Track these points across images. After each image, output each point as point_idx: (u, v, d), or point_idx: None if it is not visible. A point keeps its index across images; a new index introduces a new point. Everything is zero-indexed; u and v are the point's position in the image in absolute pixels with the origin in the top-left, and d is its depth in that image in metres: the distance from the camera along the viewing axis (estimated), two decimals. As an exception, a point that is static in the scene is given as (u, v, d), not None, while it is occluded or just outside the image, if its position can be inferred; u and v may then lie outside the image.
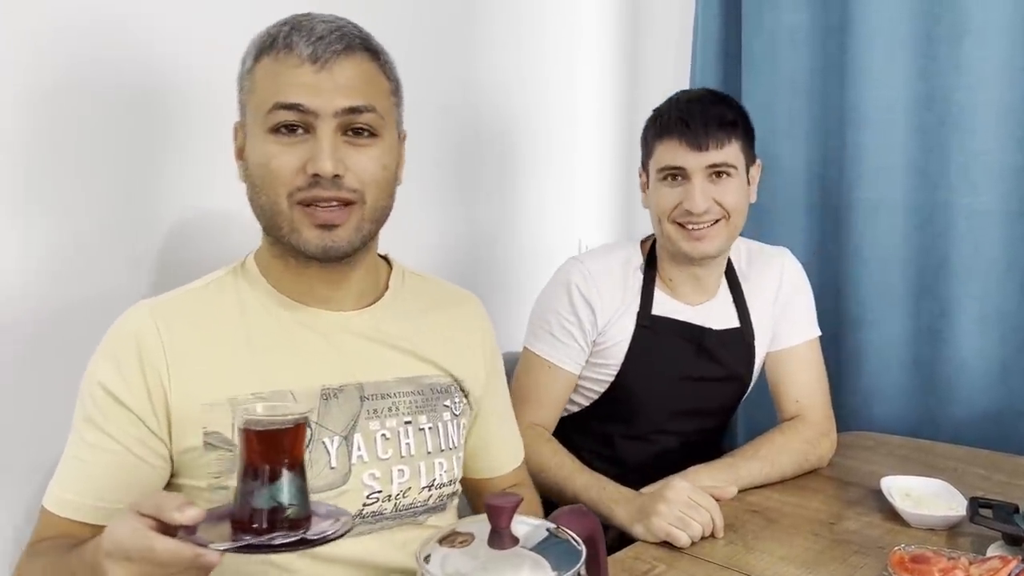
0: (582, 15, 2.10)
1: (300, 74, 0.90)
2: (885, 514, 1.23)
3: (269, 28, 0.95)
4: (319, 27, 0.92)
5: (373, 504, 0.97)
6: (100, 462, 0.90)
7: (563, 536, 0.63)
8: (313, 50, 0.90)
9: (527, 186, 1.99)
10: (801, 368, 1.51)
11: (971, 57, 1.57)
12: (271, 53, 0.92)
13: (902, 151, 1.67)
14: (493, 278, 1.92)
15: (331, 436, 0.95)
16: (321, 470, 0.94)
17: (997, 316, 1.61)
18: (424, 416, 1.02)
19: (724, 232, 1.39)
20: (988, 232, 1.59)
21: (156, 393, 0.90)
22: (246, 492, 0.67)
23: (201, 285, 1.00)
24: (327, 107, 0.90)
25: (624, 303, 1.45)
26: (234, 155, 1.00)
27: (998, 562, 0.99)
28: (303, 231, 0.92)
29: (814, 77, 1.78)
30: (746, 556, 1.11)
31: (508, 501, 0.60)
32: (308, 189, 0.90)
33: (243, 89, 0.96)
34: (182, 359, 0.91)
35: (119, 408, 0.90)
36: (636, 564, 1.10)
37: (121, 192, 1.25)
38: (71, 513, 0.89)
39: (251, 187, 0.95)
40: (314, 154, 0.89)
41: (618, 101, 2.18)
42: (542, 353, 1.45)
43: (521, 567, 0.58)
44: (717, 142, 1.35)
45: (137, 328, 0.92)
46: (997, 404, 1.62)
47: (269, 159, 0.91)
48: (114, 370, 0.91)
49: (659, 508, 1.15)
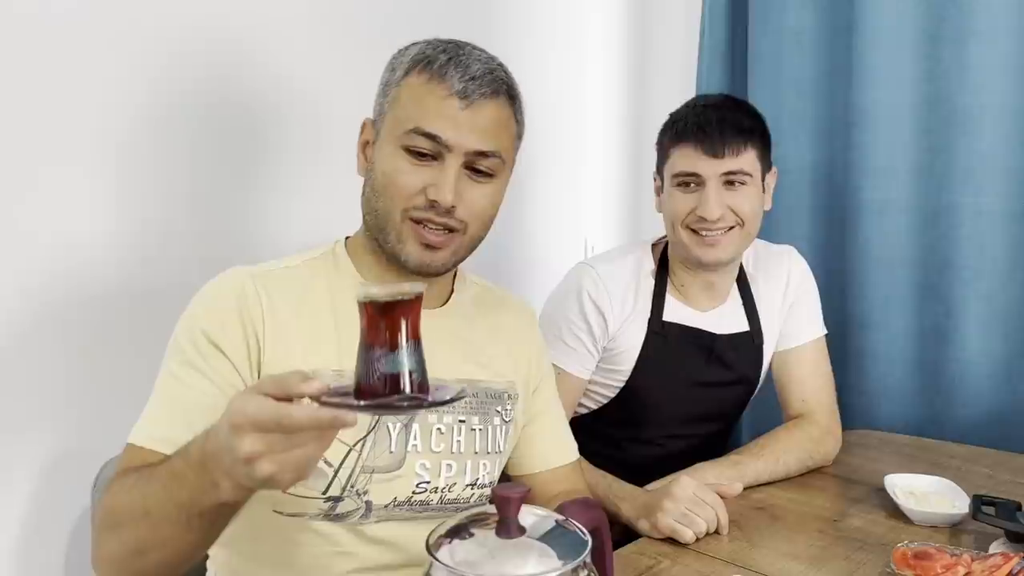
0: (590, 16, 2.11)
1: (446, 107, 0.96)
2: (889, 511, 1.24)
3: (427, 47, 1.00)
4: (474, 66, 0.98)
5: (422, 493, 1.01)
6: (199, 403, 0.91)
7: (570, 527, 0.64)
8: (464, 88, 0.96)
9: (534, 186, 2.00)
10: (808, 367, 1.52)
11: (976, 59, 1.58)
12: (424, 75, 0.98)
13: (907, 152, 1.68)
14: (500, 279, 1.92)
15: (395, 422, 1.00)
16: (382, 452, 0.99)
17: (1002, 316, 1.61)
18: (476, 418, 1.06)
19: (738, 239, 1.39)
20: (993, 233, 1.60)
21: (253, 347, 0.94)
22: (368, 361, 0.71)
23: (297, 261, 1.05)
24: (461, 145, 0.96)
25: (635, 309, 1.45)
26: (358, 147, 1.06)
27: (1000, 559, 0.99)
28: (408, 245, 0.99)
29: (820, 78, 1.79)
30: (750, 552, 1.12)
31: (515, 491, 0.61)
32: (423, 211, 0.97)
33: (387, 95, 1.02)
34: (276, 324, 0.96)
35: (218, 354, 0.93)
36: (640, 559, 1.11)
37: (208, 198, 1.39)
38: (166, 447, 0.87)
39: (371, 188, 1.02)
40: (438, 182, 0.96)
41: (625, 101, 2.19)
42: (552, 359, 1.44)
43: (528, 556, 0.59)
44: (733, 149, 1.34)
45: (239, 286, 0.96)
46: (1001, 404, 1.62)
47: (397, 173, 0.97)
48: (215, 319, 0.94)
49: (664, 504, 1.16)
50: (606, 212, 2.21)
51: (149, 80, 1.28)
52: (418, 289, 0.71)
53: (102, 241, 1.25)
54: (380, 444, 0.99)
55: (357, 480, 0.97)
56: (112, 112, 1.25)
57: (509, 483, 0.75)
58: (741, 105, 1.42)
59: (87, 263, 1.24)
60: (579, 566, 0.59)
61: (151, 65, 1.28)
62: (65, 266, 1.21)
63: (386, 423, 0.99)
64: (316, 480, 0.95)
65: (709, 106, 1.39)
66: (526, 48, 1.93)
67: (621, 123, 2.19)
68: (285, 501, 0.96)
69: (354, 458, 0.97)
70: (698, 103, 1.42)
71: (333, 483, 0.96)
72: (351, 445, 0.96)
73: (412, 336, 0.71)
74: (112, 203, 1.26)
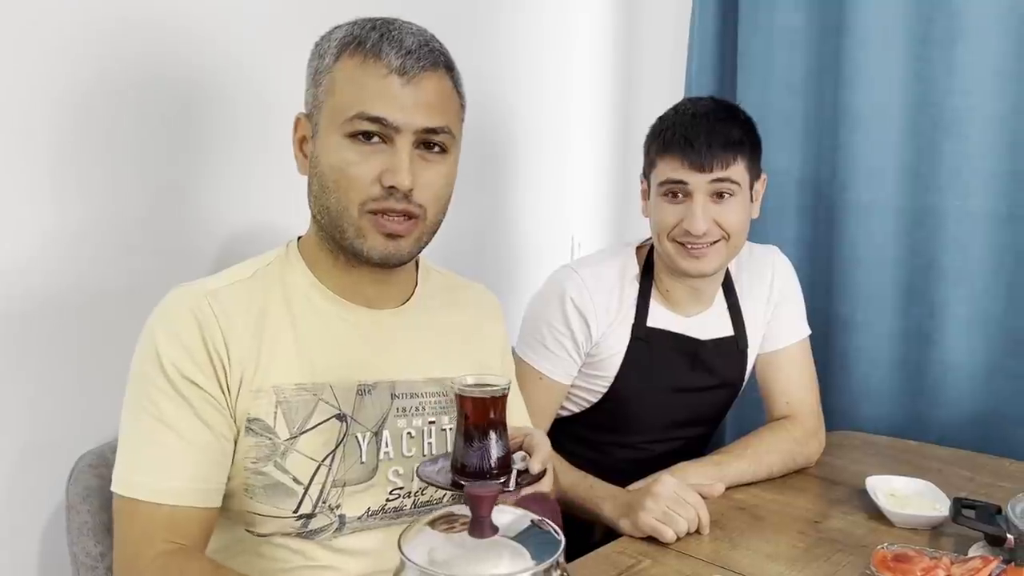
0: (578, 14, 2.10)
1: (387, 86, 0.92)
2: (870, 513, 1.24)
3: (353, 28, 0.96)
4: (408, 39, 0.94)
5: (395, 500, 1.00)
6: (194, 442, 0.89)
7: (544, 527, 0.63)
8: (402, 63, 0.92)
9: (520, 183, 1.99)
10: (791, 369, 1.52)
11: (964, 61, 1.58)
12: (357, 56, 0.93)
13: (894, 153, 1.68)
14: (486, 275, 1.91)
15: (363, 432, 0.98)
16: (352, 464, 0.96)
17: (984, 319, 1.62)
18: (447, 417, 1.05)
19: (723, 252, 1.37)
20: (977, 235, 1.60)
21: (220, 372, 0.92)
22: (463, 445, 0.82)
23: (249, 275, 1.00)
24: (410, 124, 0.93)
25: (619, 315, 1.43)
26: (294, 145, 1.01)
27: (979, 562, 1.00)
28: (369, 239, 0.95)
29: (809, 78, 1.79)
30: (731, 552, 1.12)
31: (489, 490, 0.60)
32: (381, 200, 0.93)
33: (319, 84, 0.96)
34: (237, 344, 0.93)
35: (195, 388, 0.90)
36: (621, 558, 1.11)
37: (151, 186, 1.28)
38: (172, 499, 0.87)
39: (319, 185, 0.96)
40: (392, 167, 0.92)
41: (613, 99, 2.18)
42: (534, 364, 1.43)
43: (502, 556, 0.59)
44: (721, 162, 1.32)
45: (196, 311, 0.92)
46: (983, 406, 1.63)
47: (347, 165, 0.93)
48: (181, 351, 0.90)
49: (646, 503, 1.16)
50: (594, 211, 2.20)
51: (76, 61, 1.17)
52: (504, 385, 0.82)
53: (53, 235, 1.18)
54: (350, 456, 0.97)
55: (329, 495, 0.95)
56: (49, 102, 1.15)
57: (482, 482, 0.74)
58: (731, 113, 1.38)
59: (48, 257, 1.19)
60: (552, 566, 0.58)
61: (80, 45, 1.17)
62: (27, 259, 1.17)
63: (354, 434, 0.97)
64: (284, 500, 0.93)
65: (698, 115, 1.35)
66: (514, 45, 1.92)
67: (609, 121, 2.18)
68: (257, 521, 0.94)
69: (324, 473, 0.95)
70: (686, 111, 1.38)
71: (304, 501, 0.94)
72: (319, 461, 0.95)
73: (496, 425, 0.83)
74: (73, 194, 1.19)
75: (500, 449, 0.84)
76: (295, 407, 0.94)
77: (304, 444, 0.94)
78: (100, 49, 1.20)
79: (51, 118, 1.15)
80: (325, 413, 0.96)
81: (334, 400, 0.97)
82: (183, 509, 0.88)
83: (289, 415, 0.94)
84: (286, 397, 0.94)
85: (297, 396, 0.95)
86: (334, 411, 0.96)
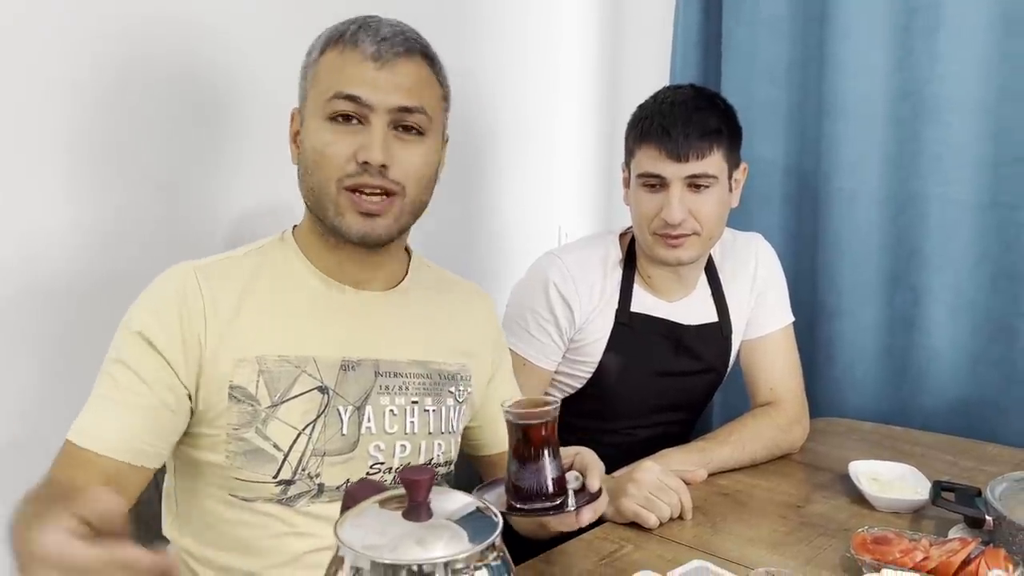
0: (563, 3, 2.10)
1: (362, 69, 0.97)
2: (852, 498, 1.25)
3: (338, 25, 1.02)
4: (384, 29, 0.99)
5: (375, 474, 1.02)
6: (133, 402, 0.92)
7: (485, 511, 0.63)
8: (377, 49, 0.97)
9: (507, 173, 1.99)
10: (775, 355, 1.53)
11: (946, 50, 1.58)
12: (337, 47, 0.99)
13: (878, 142, 1.68)
14: (474, 265, 1.93)
15: (345, 405, 1.00)
16: (333, 435, 0.99)
17: (968, 306, 1.62)
18: (430, 399, 1.07)
19: (697, 245, 1.38)
20: (960, 223, 1.61)
21: (191, 344, 0.94)
22: (517, 469, 0.90)
23: (242, 252, 1.05)
24: (383, 103, 0.97)
25: (603, 300, 1.44)
26: (289, 138, 1.06)
27: (958, 544, 1.00)
28: (347, 216, 0.98)
29: (792, 67, 1.79)
30: (713, 537, 1.13)
31: (423, 474, 0.60)
32: (356, 176, 0.97)
33: (306, 77, 1.03)
34: (220, 315, 0.96)
35: (153, 353, 0.93)
36: (604, 544, 1.11)
37: (165, 178, 1.35)
38: (98, 446, 0.90)
39: (303, 169, 1.01)
40: (366, 144, 0.96)
41: (598, 88, 2.18)
42: (518, 350, 1.43)
43: (438, 538, 0.58)
44: (698, 152, 1.32)
45: (180, 283, 0.97)
46: (967, 393, 1.63)
47: (324, 145, 0.97)
48: (152, 318, 0.94)
49: (628, 489, 1.16)
50: (580, 200, 2.20)
51: (96, 61, 1.24)
52: (552, 407, 0.91)
53: (58, 230, 1.22)
54: (331, 428, 0.99)
55: (308, 463, 0.98)
56: (60, 98, 1.21)
57: (417, 466, 0.75)
58: (709, 102, 1.38)
59: (38, 255, 1.21)
60: (488, 547, 0.58)
61: (99, 43, 1.24)
62: (16, 256, 1.18)
63: (336, 407, 1.00)
64: (264, 465, 0.96)
65: (676, 104, 1.35)
66: (501, 36, 1.92)
67: (595, 111, 2.18)
68: (239, 487, 0.96)
69: (304, 442, 0.97)
70: (666, 99, 1.38)
71: (284, 467, 0.96)
72: (300, 429, 0.97)
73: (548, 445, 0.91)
74: (65, 193, 1.23)
75: (555, 470, 0.88)
76: (277, 376, 0.97)
77: (285, 412, 0.97)
78: (117, 47, 1.27)
79: (65, 115, 1.22)
80: (307, 384, 0.99)
81: (317, 373, 0.99)
82: (109, 460, 0.90)
83: (271, 384, 0.97)
84: (268, 367, 0.97)
85: (279, 367, 0.97)
86: (316, 383, 0.99)
